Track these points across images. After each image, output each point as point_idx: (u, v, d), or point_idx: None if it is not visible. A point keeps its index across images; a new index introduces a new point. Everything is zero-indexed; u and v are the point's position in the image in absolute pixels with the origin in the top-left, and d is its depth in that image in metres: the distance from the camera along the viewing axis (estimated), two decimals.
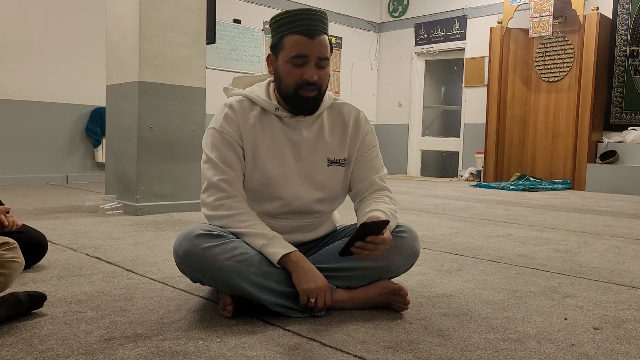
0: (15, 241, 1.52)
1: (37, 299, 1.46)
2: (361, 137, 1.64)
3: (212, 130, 1.55)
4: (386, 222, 1.41)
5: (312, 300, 1.42)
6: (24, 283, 1.79)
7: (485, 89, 7.27)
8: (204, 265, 1.43)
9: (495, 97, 7.02)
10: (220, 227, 1.50)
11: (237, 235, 1.49)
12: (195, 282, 1.54)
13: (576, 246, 2.71)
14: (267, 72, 1.64)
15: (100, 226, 3.03)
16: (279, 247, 1.46)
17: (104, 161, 5.10)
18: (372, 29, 8.82)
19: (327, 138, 1.60)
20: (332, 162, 1.60)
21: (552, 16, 6.41)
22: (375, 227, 1.39)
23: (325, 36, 1.50)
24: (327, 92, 1.61)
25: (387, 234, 1.42)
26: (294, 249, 1.48)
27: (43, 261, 2.07)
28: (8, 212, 1.92)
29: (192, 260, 1.44)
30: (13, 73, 5.53)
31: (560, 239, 2.91)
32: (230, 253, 1.43)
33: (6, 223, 1.87)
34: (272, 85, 1.60)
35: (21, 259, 1.50)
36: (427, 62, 8.57)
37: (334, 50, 1.72)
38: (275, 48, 1.52)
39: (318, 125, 1.60)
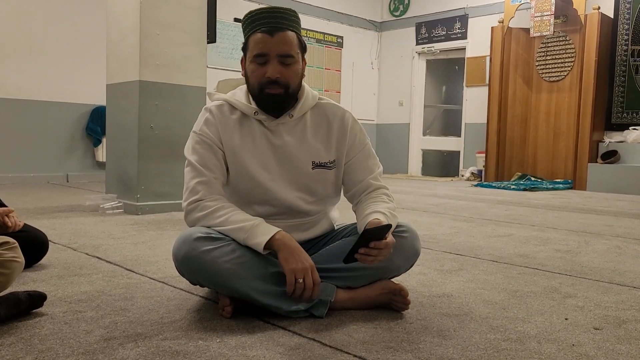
0: (15, 241, 1.52)
1: (37, 299, 1.46)
2: (349, 139, 1.62)
3: (193, 134, 1.57)
4: (389, 227, 1.41)
5: (300, 281, 1.38)
6: (24, 282, 1.78)
7: (486, 88, 7.26)
8: (203, 268, 1.42)
9: (496, 96, 7.02)
10: (203, 227, 1.48)
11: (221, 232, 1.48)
12: (194, 284, 1.54)
13: (577, 246, 2.71)
14: None
15: (100, 225, 3.02)
16: (259, 237, 1.42)
17: (104, 160, 5.09)
18: (373, 28, 8.81)
19: (311, 141, 1.59)
20: (317, 165, 1.59)
21: (553, 15, 6.40)
22: (378, 233, 1.38)
23: (290, 32, 1.48)
24: (311, 92, 1.60)
25: (389, 237, 1.42)
26: (275, 229, 1.43)
27: (43, 260, 2.07)
28: (10, 214, 1.92)
29: (191, 263, 1.44)
30: (13, 72, 5.53)
31: (561, 239, 2.90)
32: (229, 256, 1.42)
33: (9, 224, 1.86)
34: None
35: (21, 259, 1.50)
36: (428, 61, 8.56)
37: (311, 48, 1.69)
38: (244, 49, 1.53)
39: (300, 128, 1.58)
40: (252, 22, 1.48)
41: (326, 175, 1.61)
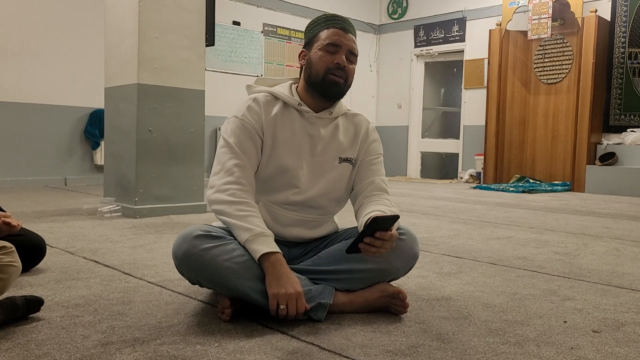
0: (12, 245, 1.52)
1: (34, 303, 1.46)
2: (367, 144, 1.72)
3: (234, 118, 1.61)
4: (396, 217, 1.43)
5: (282, 307, 1.39)
6: (21, 287, 1.78)
7: (485, 90, 7.27)
8: (203, 266, 1.43)
9: (494, 98, 7.03)
10: (217, 211, 1.51)
11: (228, 225, 1.49)
12: (194, 284, 1.54)
13: (575, 248, 2.71)
14: (289, 77, 1.78)
15: (98, 229, 3.02)
16: (261, 245, 1.44)
17: (102, 163, 5.09)
18: (371, 31, 8.82)
19: (341, 138, 1.68)
20: (343, 160, 1.67)
21: (550, 18, 6.41)
22: (385, 222, 1.40)
23: (355, 38, 1.65)
24: (341, 102, 1.71)
25: (394, 231, 1.44)
26: (276, 250, 1.45)
27: (40, 264, 2.06)
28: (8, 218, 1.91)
29: (190, 261, 1.45)
30: (12, 75, 5.53)
31: (559, 241, 2.90)
32: (229, 254, 1.43)
33: (14, 223, 1.85)
34: (293, 86, 1.69)
35: (18, 263, 1.50)
36: (426, 63, 8.57)
37: None
38: (309, 42, 1.64)
39: (334, 126, 1.68)
40: (327, 21, 1.63)
41: (347, 171, 1.68)
